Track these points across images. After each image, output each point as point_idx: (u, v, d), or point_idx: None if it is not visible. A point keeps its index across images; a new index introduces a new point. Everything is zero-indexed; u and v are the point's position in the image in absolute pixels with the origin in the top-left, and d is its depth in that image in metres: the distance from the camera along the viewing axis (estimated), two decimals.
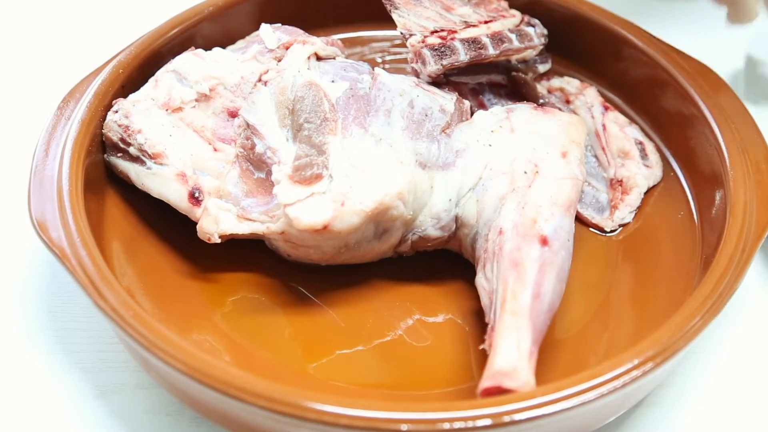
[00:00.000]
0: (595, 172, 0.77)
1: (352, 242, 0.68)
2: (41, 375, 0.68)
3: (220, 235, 0.68)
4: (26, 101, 0.90)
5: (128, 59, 0.76)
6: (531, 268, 0.64)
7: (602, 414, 0.62)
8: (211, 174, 0.70)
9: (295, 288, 0.71)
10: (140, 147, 0.71)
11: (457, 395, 0.64)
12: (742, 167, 0.71)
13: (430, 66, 0.75)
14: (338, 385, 0.64)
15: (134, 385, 0.67)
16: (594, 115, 0.79)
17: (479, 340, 0.66)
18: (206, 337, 0.67)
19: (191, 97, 0.73)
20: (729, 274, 0.63)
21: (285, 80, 0.71)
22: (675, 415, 0.67)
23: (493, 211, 0.68)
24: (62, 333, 0.71)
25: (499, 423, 0.55)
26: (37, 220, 0.66)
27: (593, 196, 0.76)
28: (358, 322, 0.69)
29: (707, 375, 0.69)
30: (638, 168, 0.77)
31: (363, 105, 0.71)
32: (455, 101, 0.73)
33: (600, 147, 0.78)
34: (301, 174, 0.67)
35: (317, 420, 0.55)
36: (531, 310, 0.62)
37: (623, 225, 0.75)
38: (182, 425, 0.65)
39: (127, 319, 0.60)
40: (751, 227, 0.66)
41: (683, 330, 0.60)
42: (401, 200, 0.68)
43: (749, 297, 0.74)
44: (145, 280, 0.69)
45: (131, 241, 0.71)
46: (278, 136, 0.70)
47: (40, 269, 0.75)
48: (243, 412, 0.59)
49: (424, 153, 0.70)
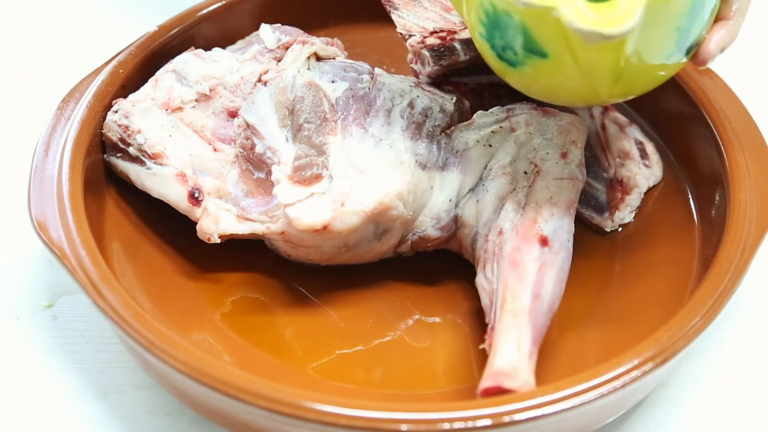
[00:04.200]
0: (595, 172, 0.77)
1: (352, 242, 0.68)
2: (41, 375, 0.68)
3: (220, 235, 0.68)
4: (26, 101, 0.90)
5: (128, 59, 0.77)
6: (531, 268, 0.64)
7: (602, 414, 0.62)
8: (211, 174, 0.70)
9: (295, 288, 0.71)
10: (140, 147, 0.71)
11: (457, 395, 0.64)
12: (742, 167, 0.71)
13: (429, 66, 0.75)
14: (338, 385, 0.64)
15: (134, 385, 0.68)
16: (594, 115, 0.79)
17: (479, 340, 0.66)
18: (206, 337, 0.67)
19: (191, 97, 0.73)
20: (729, 274, 0.63)
21: (285, 80, 0.71)
22: (675, 415, 0.67)
23: (493, 211, 0.68)
24: (62, 333, 0.71)
25: (499, 423, 0.55)
26: (37, 220, 0.66)
27: (593, 196, 0.76)
28: (358, 322, 0.69)
29: (707, 375, 0.69)
30: (638, 168, 0.77)
31: (363, 105, 0.71)
32: (455, 101, 0.73)
33: (600, 147, 0.78)
34: (301, 174, 0.67)
35: (317, 420, 0.55)
36: (531, 311, 0.62)
37: (623, 225, 0.75)
38: (182, 425, 0.65)
39: (127, 319, 0.60)
40: (751, 227, 0.66)
41: (683, 330, 0.60)
42: (401, 200, 0.68)
43: (749, 297, 0.74)
44: (145, 280, 0.69)
45: (131, 241, 0.71)
46: (278, 136, 0.70)
47: (40, 269, 0.75)
48: (243, 412, 0.59)
49: (424, 153, 0.70)
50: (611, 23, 0.57)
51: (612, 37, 0.57)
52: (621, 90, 0.64)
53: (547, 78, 0.63)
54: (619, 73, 0.61)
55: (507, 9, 0.60)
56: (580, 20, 0.57)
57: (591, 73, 0.61)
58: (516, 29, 0.61)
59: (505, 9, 0.60)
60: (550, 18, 0.58)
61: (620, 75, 0.62)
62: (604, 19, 0.57)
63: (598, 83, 0.62)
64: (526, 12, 0.59)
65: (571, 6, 0.58)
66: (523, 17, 0.60)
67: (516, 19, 0.60)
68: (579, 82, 0.62)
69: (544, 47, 0.60)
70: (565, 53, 0.60)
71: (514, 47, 0.62)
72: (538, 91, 0.66)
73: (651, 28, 0.59)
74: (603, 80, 0.62)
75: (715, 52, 0.64)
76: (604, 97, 0.65)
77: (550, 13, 0.58)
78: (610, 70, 0.61)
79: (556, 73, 0.62)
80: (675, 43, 0.62)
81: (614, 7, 0.58)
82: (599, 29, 0.57)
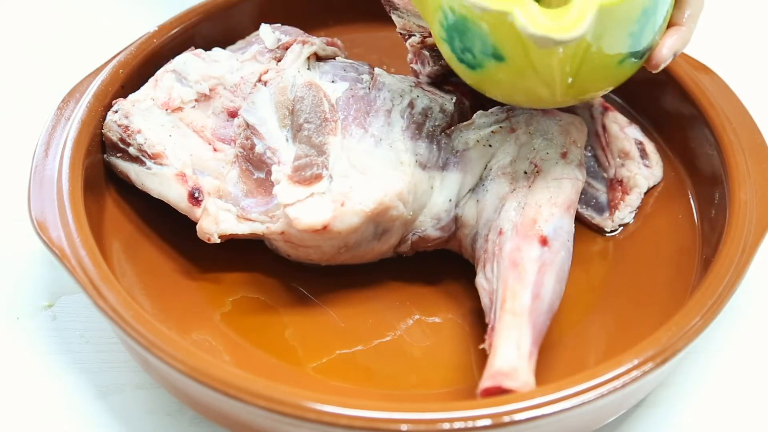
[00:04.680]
0: (595, 172, 0.77)
1: (352, 242, 0.68)
2: (41, 375, 0.68)
3: (219, 235, 0.68)
4: (26, 101, 0.90)
5: (128, 59, 0.77)
6: (531, 268, 0.64)
7: (602, 414, 0.62)
8: (211, 174, 0.70)
9: (295, 288, 0.71)
10: (140, 147, 0.71)
11: (457, 395, 0.64)
12: (742, 167, 0.71)
13: (429, 66, 0.75)
14: (338, 385, 0.64)
15: (134, 385, 0.68)
16: (594, 115, 0.79)
17: (479, 340, 0.66)
18: (206, 337, 0.67)
19: (191, 97, 0.73)
20: (729, 274, 0.63)
21: (285, 80, 0.71)
22: (675, 415, 0.67)
23: (493, 211, 0.68)
24: (62, 333, 0.71)
25: (499, 423, 0.55)
26: (37, 220, 0.66)
27: (593, 196, 0.76)
28: (358, 322, 0.69)
29: (707, 375, 0.69)
30: (638, 168, 0.77)
31: (363, 105, 0.71)
32: (455, 101, 0.73)
33: (600, 147, 0.78)
34: (300, 174, 0.67)
35: (317, 420, 0.55)
36: (531, 311, 0.62)
37: (623, 225, 0.75)
38: (182, 425, 0.65)
39: (127, 319, 0.60)
40: (751, 227, 0.66)
41: (683, 330, 0.60)
42: (401, 200, 0.68)
43: (749, 297, 0.74)
44: (145, 280, 0.69)
45: (131, 241, 0.71)
46: (278, 136, 0.70)
47: (40, 269, 0.75)
48: (243, 412, 0.59)
49: (424, 153, 0.70)
50: (563, 29, 0.59)
51: (564, 42, 0.59)
52: (576, 92, 0.65)
53: (504, 80, 0.64)
54: (574, 76, 0.62)
55: (464, 13, 0.61)
56: (533, 26, 0.59)
57: (546, 76, 0.62)
58: (474, 33, 0.62)
59: (462, 13, 0.61)
60: (506, 22, 0.59)
61: (575, 78, 0.63)
62: (556, 24, 0.59)
63: (553, 86, 0.63)
64: (483, 16, 0.60)
65: (525, 11, 0.59)
66: (480, 21, 0.61)
67: (473, 23, 0.61)
68: (534, 84, 0.63)
69: (501, 51, 0.62)
70: (520, 57, 0.61)
71: (473, 50, 0.63)
72: (496, 93, 0.67)
73: (604, 33, 0.60)
74: (557, 83, 0.63)
75: (667, 56, 0.66)
76: (559, 98, 0.66)
77: (506, 18, 0.59)
78: (564, 74, 0.62)
79: (513, 76, 0.63)
80: (628, 47, 0.63)
81: (567, 12, 0.59)
82: (551, 35, 0.58)
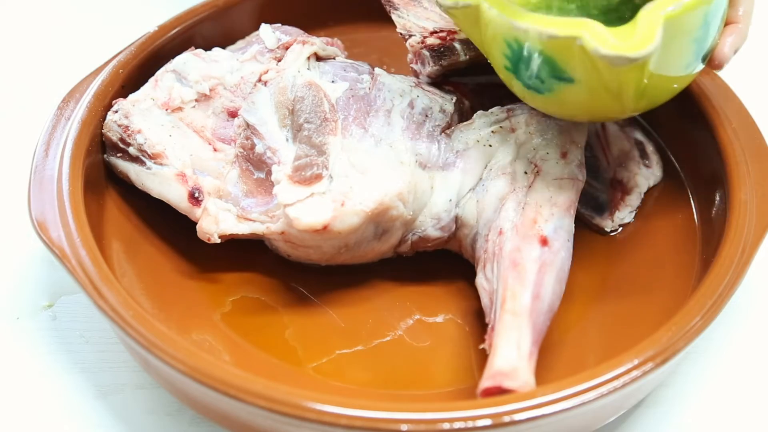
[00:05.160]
0: (595, 172, 0.77)
1: (352, 242, 0.68)
2: (41, 375, 0.68)
3: (220, 235, 0.68)
4: (26, 101, 0.90)
5: (128, 59, 0.77)
6: (531, 268, 0.64)
7: (602, 414, 0.62)
8: (211, 174, 0.70)
9: (295, 288, 0.71)
10: (140, 147, 0.71)
11: (457, 395, 0.64)
12: (742, 167, 0.70)
13: (429, 66, 0.75)
14: (338, 385, 0.64)
15: (134, 385, 0.68)
16: None
17: (479, 340, 0.66)
18: (206, 337, 0.67)
19: (191, 97, 0.73)
20: (729, 274, 0.63)
21: (285, 80, 0.72)
22: (675, 415, 0.67)
23: (493, 211, 0.68)
24: (62, 333, 0.71)
25: (499, 423, 0.55)
26: (37, 220, 0.66)
27: (593, 196, 0.76)
28: (358, 322, 0.69)
29: (707, 375, 0.69)
30: (638, 168, 0.77)
31: (363, 105, 0.71)
32: (455, 102, 0.73)
33: (600, 147, 0.78)
34: (301, 174, 0.67)
35: (317, 420, 0.55)
36: (531, 311, 0.62)
37: (623, 225, 0.75)
38: (182, 425, 0.65)
39: (127, 319, 0.60)
40: (751, 227, 0.66)
41: (683, 330, 0.60)
42: (401, 200, 0.68)
43: (749, 297, 0.74)
44: (145, 280, 0.69)
45: (131, 241, 0.71)
46: (278, 136, 0.70)
47: (40, 269, 0.75)
48: (243, 412, 0.59)
49: (425, 153, 0.70)
50: (635, 47, 0.59)
51: (638, 59, 0.59)
52: (645, 103, 0.66)
53: (575, 101, 0.65)
54: (644, 89, 0.63)
55: (530, 43, 0.61)
56: (605, 47, 0.59)
57: (617, 92, 0.63)
58: (541, 60, 0.62)
59: (528, 43, 0.62)
60: (575, 47, 0.59)
61: (645, 90, 0.63)
62: (626, 43, 0.59)
63: (625, 100, 0.64)
64: (550, 43, 0.60)
65: (593, 33, 0.59)
66: (548, 48, 0.61)
67: (540, 50, 0.61)
68: (606, 101, 0.64)
69: (571, 73, 0.62)
70: (591, 77, 0.61)
71: (541, 76, 0.63)
72: (564, 113, 0.68)
73: (671, 43, 0.60)
74: (629, 97, 0.64)
75: (729, 54, 0.67)
76: (630, 111, 0.67)
77: (574, 43, 0.59)
78: (635, 89, 0.63)
79: (584, 96, 0.64)
80: (693, 53, 0.64)
81: (634, 29, 0.59)
82: (624, 53, 0.59)
